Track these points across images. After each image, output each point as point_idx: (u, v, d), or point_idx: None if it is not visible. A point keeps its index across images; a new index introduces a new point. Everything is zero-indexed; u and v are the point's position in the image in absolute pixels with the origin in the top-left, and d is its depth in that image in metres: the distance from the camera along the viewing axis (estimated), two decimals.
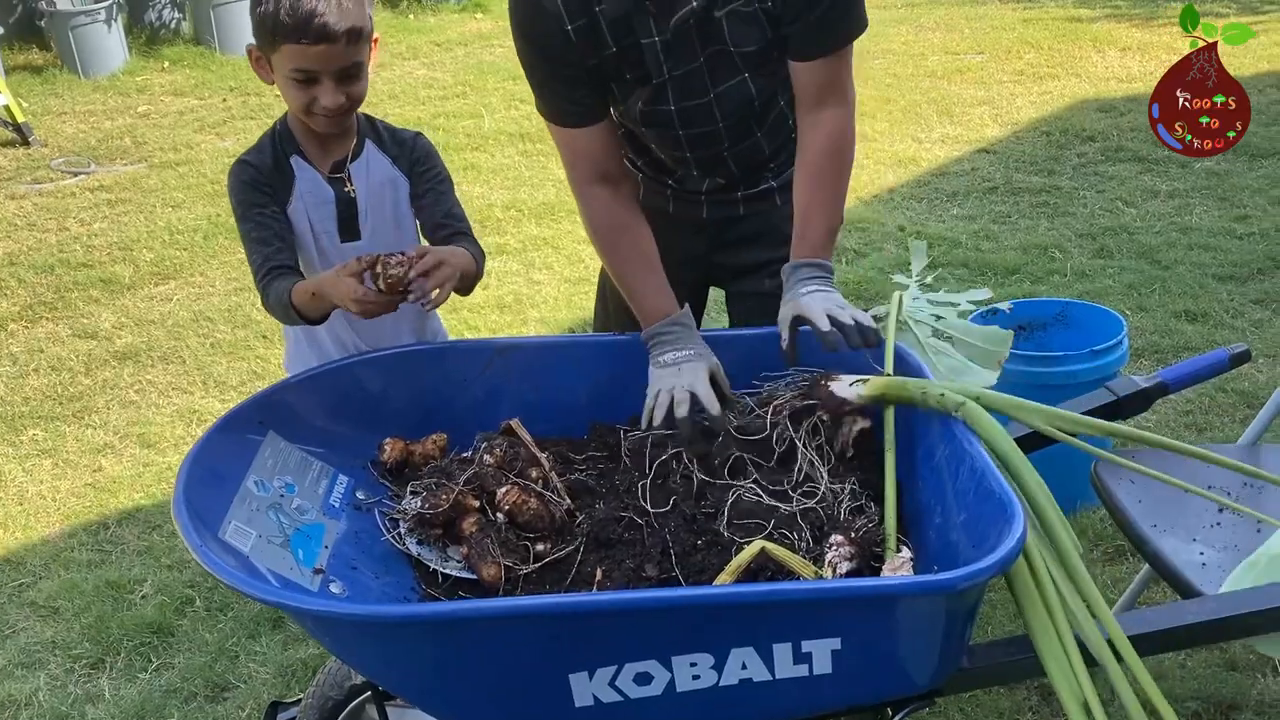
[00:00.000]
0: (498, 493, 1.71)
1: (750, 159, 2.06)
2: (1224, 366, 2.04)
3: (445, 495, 1.68)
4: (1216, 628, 1.55)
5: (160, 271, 4.63)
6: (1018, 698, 2.20)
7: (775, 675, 1.42)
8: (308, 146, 1.96)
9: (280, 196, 1.94)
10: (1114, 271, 4.03)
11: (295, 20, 1.76)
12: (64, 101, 7.16)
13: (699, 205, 2.13)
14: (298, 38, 1.77)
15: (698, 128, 1.98)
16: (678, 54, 1.86)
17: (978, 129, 5.76)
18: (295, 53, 1.78)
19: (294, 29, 1.76)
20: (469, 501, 1.70)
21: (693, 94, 1.91)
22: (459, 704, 1.48)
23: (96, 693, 2.39)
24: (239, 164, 1.93)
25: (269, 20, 1.77)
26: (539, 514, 1.70)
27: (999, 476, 1.53)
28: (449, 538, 1.71)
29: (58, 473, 3.24)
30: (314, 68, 1.80)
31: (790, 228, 2.07)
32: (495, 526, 1.69)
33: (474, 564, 1.64)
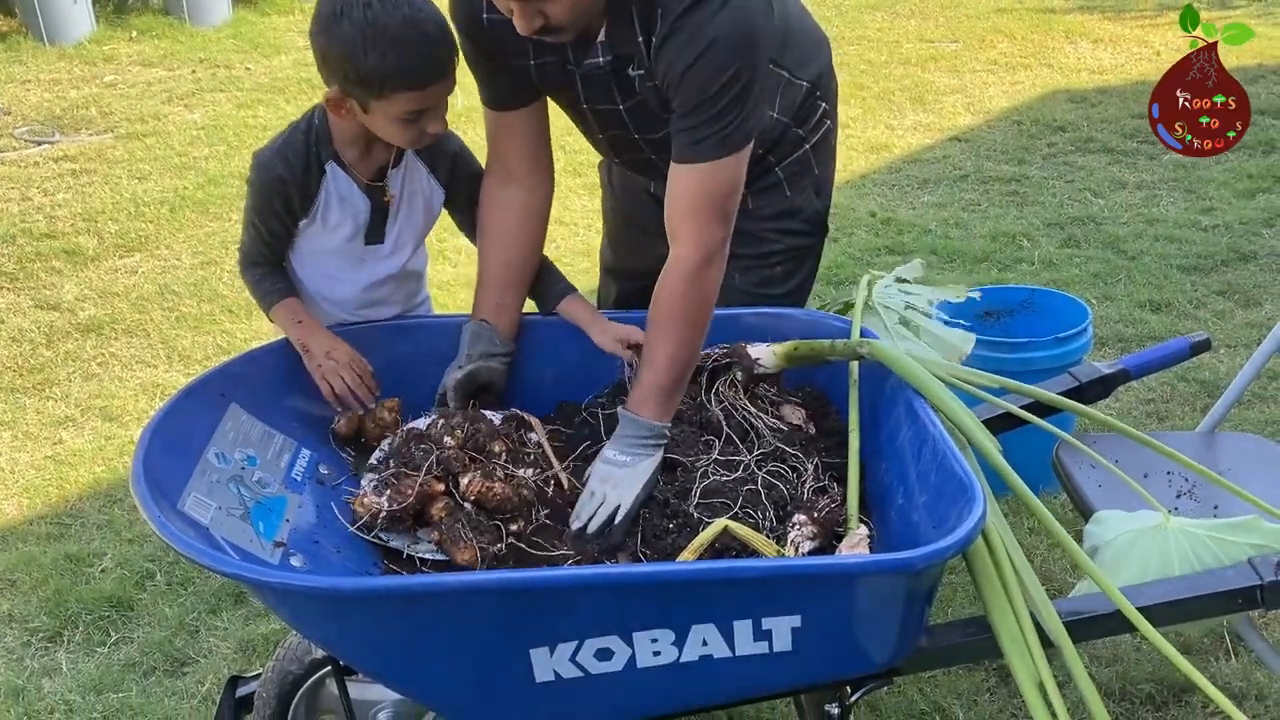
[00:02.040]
0: (462, 482, 1.69)
1: None
2: (1184, 355, 2.07)
3: (409, 488, 1.66)
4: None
5: (125, 244, 4.56)
6: (976, 679, 2.22)
7: (736, 652, 1.43)
8: (348, 152, 1.85)
9: (304, 204, 1.85)
10: (1081, 261, 4.07)
11: (417, 67, 1.67)
12: (28, 69, 7.03)
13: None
14: (417, 84, 1.68)
15: (630, 154, 1.96)
16: (594, 93, 1.83)
17: (950, 117, 5.78)
18: (411, 98, 1.70)
19: (415, 77, 1.67)
20: (434, 487, 1.68)
21: (617, 125, 1.88)
22: (418, 678, 1.47)
23: (53, 666, 2.36)
24: (269, 163, 1.81)
25: (381, 72, 1.66)
26: (505, 498, 1.69)
27: (961, 458, 1.55)
28: (417, 522, 1.69)
29: (17, 445, 3.20)
30: (428, 105, 1.74)
31: (764, 229, 2.03)
32: (464, 510, 1.68)
33: (447, 549, 1.63)
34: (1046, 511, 1.62)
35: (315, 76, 6.53)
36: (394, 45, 1.64)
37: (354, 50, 1.65)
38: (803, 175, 2.07)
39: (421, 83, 1.69)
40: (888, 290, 2.10)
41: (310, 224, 1.88)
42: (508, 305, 1.94)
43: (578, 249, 4.32)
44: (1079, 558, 1.57)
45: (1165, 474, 2.03)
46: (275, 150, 1.83)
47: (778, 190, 2.05)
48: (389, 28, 1.64)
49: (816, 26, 2.06)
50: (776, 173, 2.04)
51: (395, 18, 1.64)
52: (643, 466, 1.71)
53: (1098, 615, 1.58)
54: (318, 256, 1.93)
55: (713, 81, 1.65)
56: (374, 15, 1.63)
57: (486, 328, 1.91)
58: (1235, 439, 2.23)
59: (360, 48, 1.65)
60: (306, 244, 1.92)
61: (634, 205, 2.16)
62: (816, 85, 2.01)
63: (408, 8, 1.66)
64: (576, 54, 1.77)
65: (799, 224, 2.08)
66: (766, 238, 2.05)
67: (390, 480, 1.69)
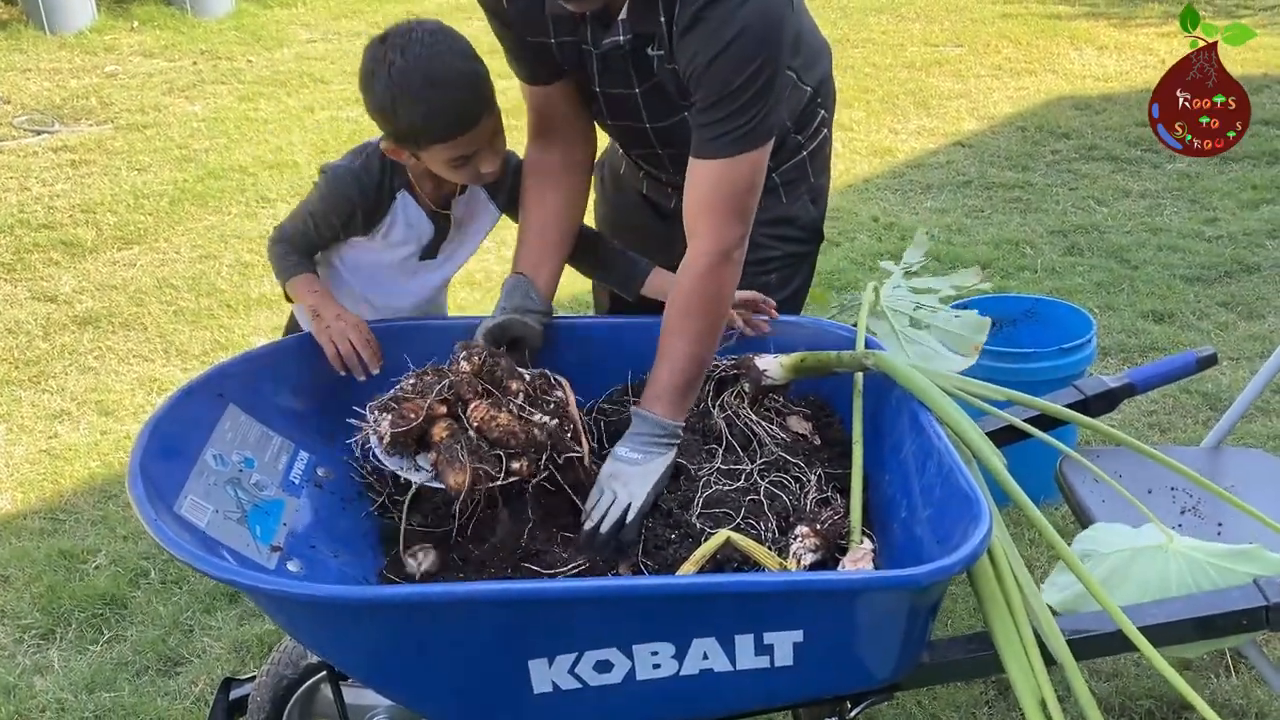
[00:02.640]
0: (468, 407, 1.64)
1: None
2: (1191, 369, 2.05)
3: (415, 410, 1.61)
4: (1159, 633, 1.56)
5: (123, 236, 4.54)
6: (975, 692, 2.21)
7: (736, 666, 1.41)
8: (422, 184, 1.89)
9: (368, 223, 1.89)
10: (1084, 269, 4.05)
11: (444, 122, 1.70)
12: (28, 58, 7.00)
13: (667, 196, 2.07)
14: (446, 137, 1.72)
15: (638, 147, 1.94)
16: (610, 76, 1.80)
17: (954, 122, 5.77)
18: (447, 148, 1.73)
19: (444, 131, 1.71)
20: (438, 409, 1.63)
21: (626, 116, 1.86)
22: (414, 688, 1.46)
23: (45, 663, 2.34)
24: (345, 183, 1.85)
25: (412, 129, 1.71)
26: (510, 431, 1.62)
27: (966, 473, 1.53)
28: (420, 447, 1.64)
29: (12, 438, 3.18)
30: (470, 150, 1.76)
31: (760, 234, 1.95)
32: (467, 435, 1.62)
33: (441, 470, 1.58)
34: (1052, 530, 1.61)
35: (316, 70, 6.49)
36: (420, 103, 1.68)
37: (386, 110, 1.71)
38: (799, 183, 2.05)
39: (451, 135, 1.72)
40: (896, 292, 2.08)
41: (370, 239, 1.91)
42: (547, 265, 1.91)
43: None
44: (1085, 578, 1.56)
45: (1169, 489, 2.02)
46: (351, 172, 1.85)
47: (774, 196, 2.02)
48: (412, 85, 1.67)
49: (819, 33, 2.05)
50: (774, 178, 2.01)
51: (417, 77, 1.67)
52: (655, 465, 1.68)
53: (1100, 634, 1.57)
54: (371, 267, 1.95)
55: (737, 75, 1.62)
56: (397, 74, 1.67)
57: (524, 281, 1.88)
58: (1241, 454, 2.22)
59: (390, 107, 1.70)
60: (362, 254, 1.94)
61: (625, 210, 2.15)
62: (818, 92, 2.00)
63: (429, 62, 1.67)
64: (596, 34, 1.75)
65: (795, 231, 2.07)
66: (763, 244, 2.03)
67: (393, 404, 1.65)
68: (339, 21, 8.19)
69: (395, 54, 1.68)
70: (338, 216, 1.87)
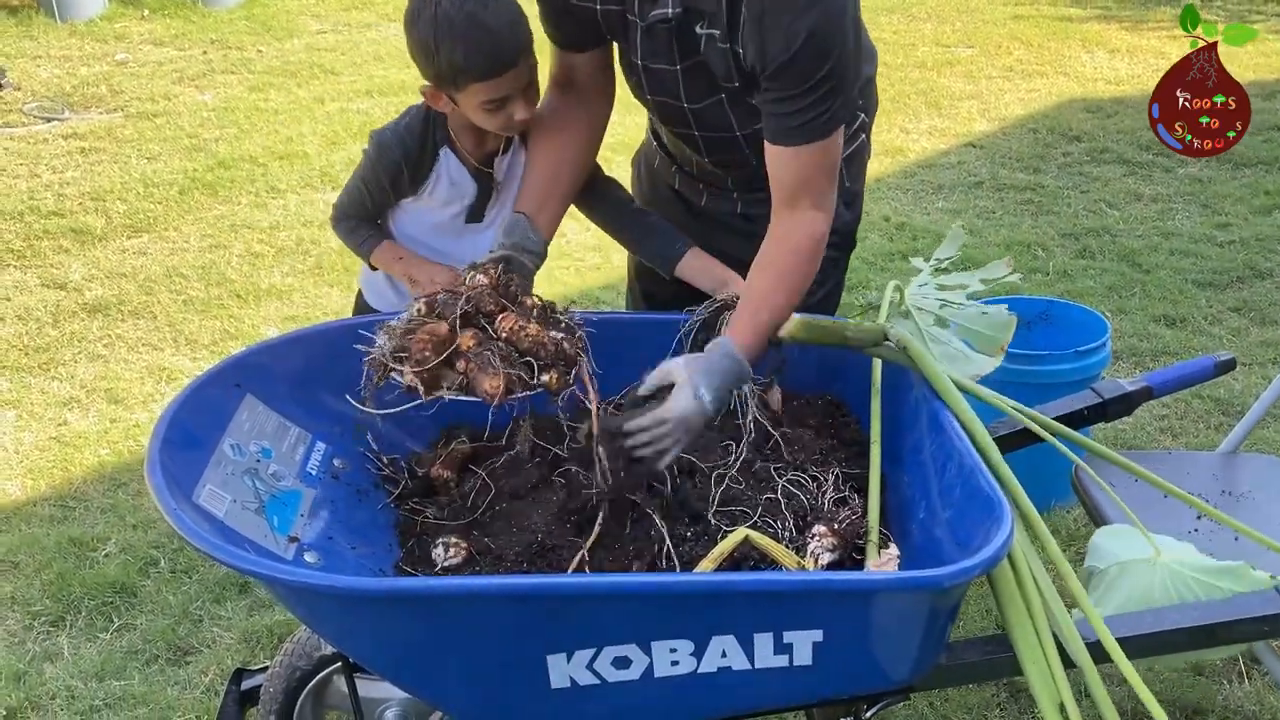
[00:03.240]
0: (494, 319, 1.62)
1: (740, 172, 1.97)
2: (1209, 374, 2.04)
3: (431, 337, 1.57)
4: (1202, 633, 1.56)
5: (133, 224, 4.54)
6: (986, 694, 2.20)
7: (755, 665, 1.41)
8: (463, 139, 1.92)
9: (414, 183, 1.92)
10: (1095, 272, 4.04)
11: (484, 60, 1.72)
12: (39, 45, 7.00)
13: (698, 193, 2.06)
14: (485, 75, 1.74)
15: (676, 126, 1.93)
16: (653, 49, 1.79)
17: (965, 123, 5.76)
18: (484, 88, 1.76)
19: (481, 69, 1.73)
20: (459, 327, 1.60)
21: (666, 92, 1.85)
22: (432, 680, 1.45)
23: (55, 650, 2.34)
24: (389, 145, 1.89)
25: (452, 66, 1.73)
26: (539, 341, 1.61)
27: (988, 475, 1.53)
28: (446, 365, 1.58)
29: (21, 424, 3.17)
30: (505, 94, 1.78)
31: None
32: (496, 344, 1.60)
33: (473, 378, 1.55)
34: (1051, 540, 1.60)
35: (327, 61, 6.50)
36: (460, 40, 1.71)
37: (427, 48, 1.74)
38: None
39: (490, 73, 1.74)
40: (922, 290, 2.06)
41: (417, 200, 1.94)
42: (549, 208, 1.91)
43: (588, 244, 4.30)
44: (1078, 595, 1.55)
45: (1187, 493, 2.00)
46: (396, 133, 1.90)
47: None
48: (455, 23, 1.71)
49: (868, 35, 2.02)
50: None
51: (461, 15, 1.71)
52: (708, 417, 1.64)
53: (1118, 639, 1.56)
54: (420, 231, 1.98)
55: (818, 66, 1.63)
56: (443, 12, 1.71)
57: (523, 220, 1.88)
58: (1257, 460, 2.21)
59: (432, 45, 1.73)
60: (409, 216, 1.98)
61: (658, 205, 2.13)
62: (862, 93, 1.99)
63: (473, 6, 1.71)
64: (643, 5, 1.74)
65: (830, 236, 2.05)
66: None
67: (409, 330, 1.60)
68: (349, 13, 8.18)
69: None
70: (387, 177, 1.90)
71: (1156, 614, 1.61)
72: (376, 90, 6.31)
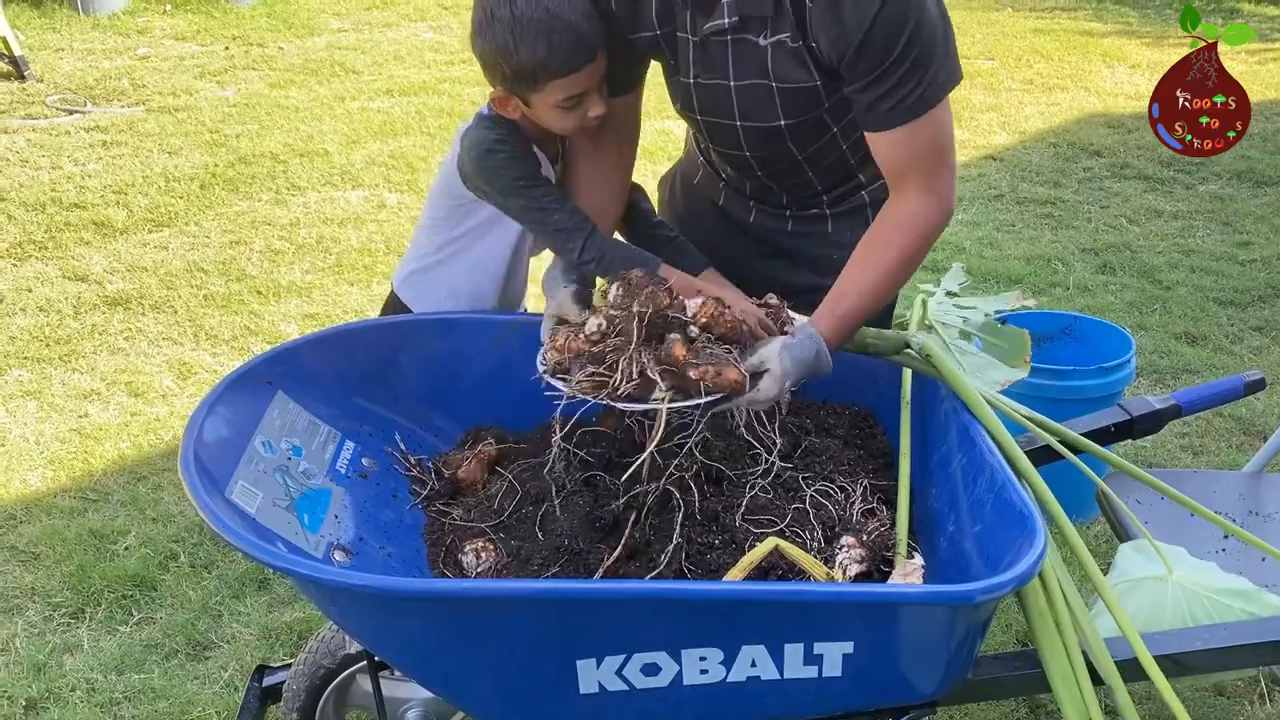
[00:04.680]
0: (689, 306, 1.60)
1: (795, 189, 1.94)
2: (1239, 394, 2.03)
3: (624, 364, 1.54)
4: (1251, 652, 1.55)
5: (154, 218, 4.55)
6: (1005, 708, 2.19)
7: (784, 675, 1.41)
8: (539, 140, 1.91)
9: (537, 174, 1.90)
10: (1116, 288, 4.04)
11: (564, 53, 1.72)
12: (62, 38, 7.03)
13: (747, 209, 2.02)
14: (568, 70, 1.73)
15: (723, 146, 1.89)
16: (706, 62, 1.76)
17: (986, 135, 5.75)
18: (563, 85, 1.74)
19: (565, 63, 1.72)
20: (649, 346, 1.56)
21: (718, 111, 1.81)
22: (461, 682, 1.45)
23: (75, 642, 2.35)
24: (489, 149, 1.85)
25: (529, 66, 1.72)
26: (735, 324, 1.61)
27: (1020, 489, 1.52)
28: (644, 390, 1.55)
29: (42, 416, 3.18)
30: (583, 89, 1.77)
31: (845, 257, 1.88)
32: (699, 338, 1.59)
33: (717, 377, 1.53)
34: (1088, 552, 1.60)
35: (348, 59, 6.53)
36: (541, 36, 1.70)
37: (506, 48, 1.73)
38: (883, 199, 2.01)
39: (572, 67, 1.73)
40: (942, 306, 2.07)
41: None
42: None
43: None
44: (1116, 612, 1.55)
45: (1213, 512, 2.00)
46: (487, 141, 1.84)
47: (860, 215, 1.95)
48: (535, 20, 1.70)
49: None
50: (862, 195, 1.96)
51: (539, 11, 1.70)
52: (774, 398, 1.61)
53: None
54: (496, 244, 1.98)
55: (896, 41, 1.57)
56: (519, 11, 1.71)
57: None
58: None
59: (511, 45, 1.72)
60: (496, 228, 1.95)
61: (696, 223, 2.08)
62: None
63: (547, 2, 1.71)
64: (696, 19, 1.72)
65: None
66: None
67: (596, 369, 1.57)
68: (370, 12, 8.21)
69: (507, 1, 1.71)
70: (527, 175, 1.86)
71: (1193, 632, 1.60)
72: (397, 90, 6.33)
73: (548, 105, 1.78)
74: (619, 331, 1.58)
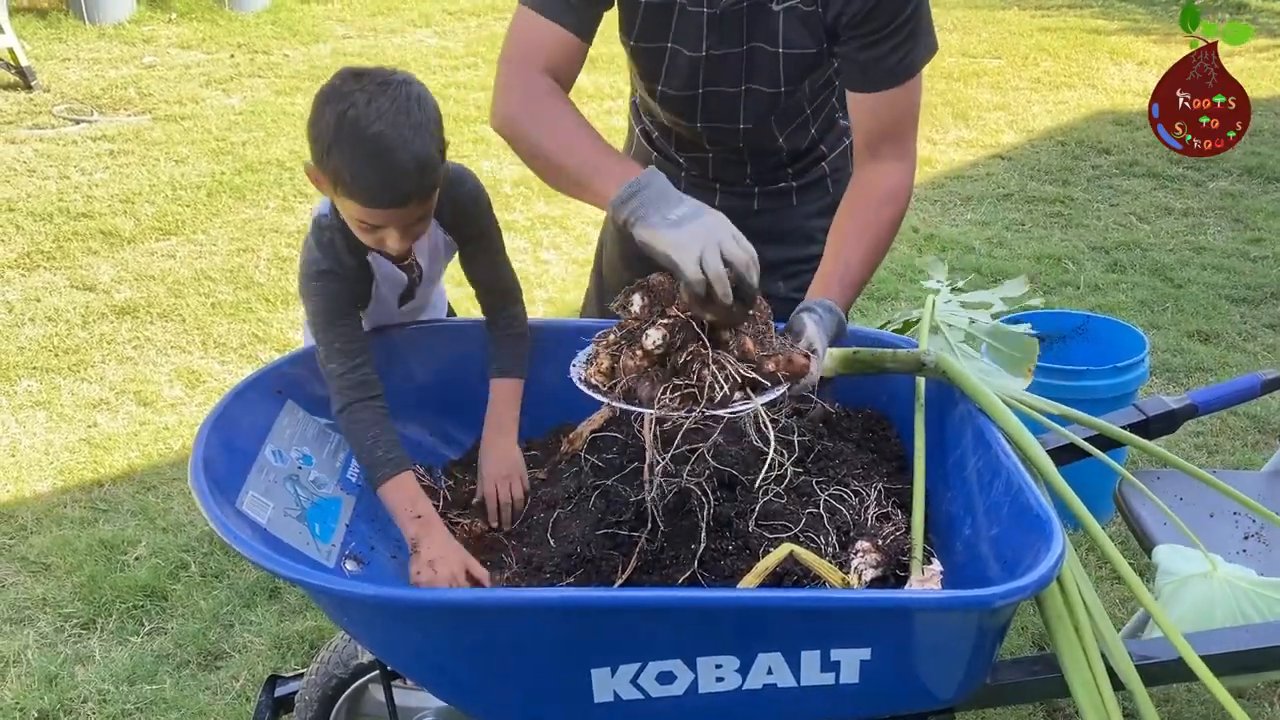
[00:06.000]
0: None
1: (766, 160, 1.96)
2: (1256, 392, 2.01)
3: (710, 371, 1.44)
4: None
5: (162, 227, 4.56)
6: (1023, 712, 2.18)
7: (800, 682, 1.39)
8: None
9: (363, 299, 1.79)
10: (1127, 287, 4.01)
11: (370, 192, 1.57)
12: (68, 47, 7.05)
13: (711, 193, 2.02)
14: (369, 202, 1.58)
15: (715, 121, 1.88)
16: (723, 33, 1.74)
17: (993, 134, 5.73)
18: (363, 211, 1.60)
19: (366, 199, 1.58)
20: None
21: (726, 81, 1.81)
22: (473, 692, 1.44)
23: (87, 653, 2.34)
24: (324, 275, 1.71)
25: (338, 178, 1.57)
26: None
27: (1036, 492, 1.50)
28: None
29: (51, 426, 3.18)
30: (383, 224, 1.62)
31: (811, 227, 1.99)
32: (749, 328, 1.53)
33: (789, 365, 1.49)
34: (1119, 555, 1.58)
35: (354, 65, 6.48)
36: (356, 156, 1.54)
37: (322, 142, 1.56)
38: (843, 169, 2.03)
39: (372, 203, 1.58)
40: (949, 307, 2.05)
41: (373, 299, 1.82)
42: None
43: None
44: (1150, 607, 1.53)
45: (1232, 514, 1.98)
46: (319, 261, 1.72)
47: (821, 186, 2.01)
48: (361, 140, 1.53)
49: None
50: (823, 166, 2.00)
51: (369, 132, 1.53)
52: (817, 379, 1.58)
53: (1169, 661, 1.54)
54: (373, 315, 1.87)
55: (905, 4, 1.65)
56: (354, 117, 1.53)
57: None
58: None
59: (327, 146, 1.56)
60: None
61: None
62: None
63: (389, 128, 1.53)
64: None
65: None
66: (815, 237, 2.01)
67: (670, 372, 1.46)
68: (375, 19, 8.21)
69: (361, 97, 1.54)
70: (345, 318, 1.72)
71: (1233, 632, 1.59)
72: None
73: (346, 214, 1.64)
74: (682, 340, 1.47)
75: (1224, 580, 1.68)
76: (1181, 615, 1.67)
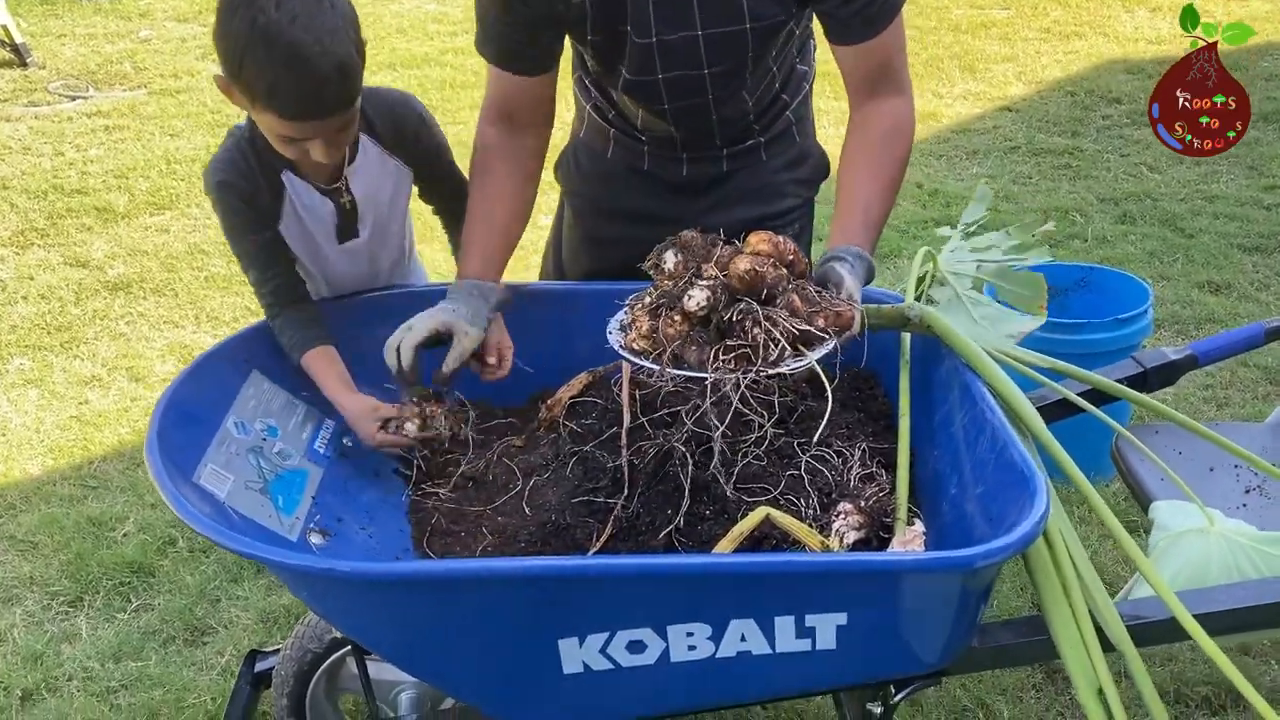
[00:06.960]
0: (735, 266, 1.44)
1: (736, 121, 1.89)
2: (1259, 341, 1.94)
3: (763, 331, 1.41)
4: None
5: (156, 202, 4.52)
6: (1021, 674, 2.13)
7: (775, 649, 1.35)
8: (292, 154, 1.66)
9: (270, 217, 1.70)
10: (1136, 238, 3.92)
11: (290, 103, 1.47)
12: (63, 23, 6.99)
13: (678, 163, 1.94)
14: (289, 117, 1.50)
15: (685, 100, 1.81)
16: (670, 18, 1.66)
17: (1001, 86, 5.60)
18: (283, 124, 1.51)
19: (285, 111, 1.48)
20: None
21: (686, 64, 1.72)
22: (440, 666, 1.40)
23: (73, 631, 2.32)
24: (221, 186, 1.65)
25: (252, 87, 1.47)
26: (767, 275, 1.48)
27: (1022, 449, 1.44)
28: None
29: (43, 404, 3.16)
30: (307, 136, 1.54)
31: (780, 181, 1.95)
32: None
33: (837, 319, 1.46)
34: (1109, 510, 1.52)
35: None
36: (272, 67, 1.44)
37: (234, 52, 1.47)
38: (806, 119, 1.99)
39: (293, 115, 1.49)
40: (956, 254, 1.98)
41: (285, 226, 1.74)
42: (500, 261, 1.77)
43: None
44: (1140, 563, 1.47)
45: (1233, 467, 1.92)
46: (222, 169, 1.66)
47: (788, 136, 1.96)
48: (274, 47, 1.43)
49: None
50: (788, 116, 1.94)
51: (284, 40, 1.43)
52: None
53: (1162, 620, 1.48)
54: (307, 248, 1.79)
55: None
56: (264, 24, 1.43)
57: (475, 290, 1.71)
58: None
59: (238, 58, 1.46)
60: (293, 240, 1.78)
61: (618, 192, 1.99)
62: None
63: (305, 34, 1.43)
64: None
65: (807, 172, 2.00)
66: (786, 191, 1.97)
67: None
68: None
69: (270, 1, 1.43)
70: (251, 228, 1.67)
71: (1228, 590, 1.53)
72: (400, 63, 6.25)
73: (267, 129, 1.55)
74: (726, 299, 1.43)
75: (1220, 536, 1.63)
76: (1175, 572, 1.61)
